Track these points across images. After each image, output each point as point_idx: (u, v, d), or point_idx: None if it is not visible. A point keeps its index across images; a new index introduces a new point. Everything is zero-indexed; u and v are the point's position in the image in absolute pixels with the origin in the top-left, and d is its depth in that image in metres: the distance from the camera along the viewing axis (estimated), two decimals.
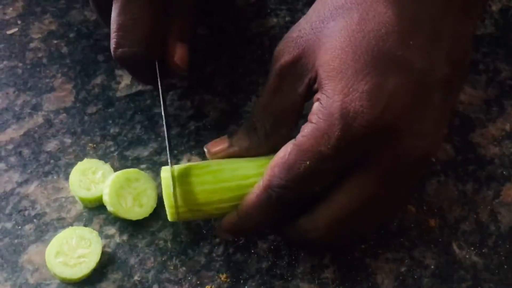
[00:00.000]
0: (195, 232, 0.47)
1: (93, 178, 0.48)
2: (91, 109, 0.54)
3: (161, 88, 0.46)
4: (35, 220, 0.47)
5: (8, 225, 0.46)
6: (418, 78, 0.37)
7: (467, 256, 0.46)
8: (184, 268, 0.45)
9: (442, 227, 0.47)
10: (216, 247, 0.46)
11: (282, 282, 0.44)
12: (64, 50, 0.58)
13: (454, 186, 0.50)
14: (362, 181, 0.38)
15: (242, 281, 0.44)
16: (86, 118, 0.53)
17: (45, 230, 0.46)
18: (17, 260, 0.45)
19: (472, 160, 0.51)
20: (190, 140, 0.52)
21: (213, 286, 0.44)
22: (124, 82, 0.55)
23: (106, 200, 0.45)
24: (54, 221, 0.47)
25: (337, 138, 0.36)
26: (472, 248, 0.46)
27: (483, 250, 0.46)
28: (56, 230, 0.46)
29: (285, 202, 0.40)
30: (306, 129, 0.38)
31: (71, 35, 0.59)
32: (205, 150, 0.45)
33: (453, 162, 0.51)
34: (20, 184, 0.49)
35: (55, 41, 0.58)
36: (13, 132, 0.52)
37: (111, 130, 0.52)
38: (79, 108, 0.53)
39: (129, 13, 0.44)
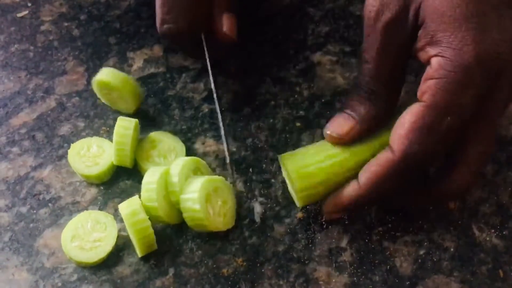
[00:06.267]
0: None
1: (92, 153, 0.47)
2: None
3: (209, 61, 0.45)
4: (50, 204, 0.47)
5: (23, 209, 0.46)
6: None
7: (487, 239, 0.45)
8: (200, 252, 0.44)
9: (462, 209, 0.47)
10: (232, 231, 0.45)
11: (299, 266, 0.44)
12: (75, 32, 0.57)
13: None
14: (490, 122, 0.39)
15: (258, 265, 0.44)
16: (98, 101, 0.52)
17: (60, 214, 0.46)
18: (33, 244, 0.45)
19: None
20: (204, 123, 0.51)
21: (229, 270, 0.44)
22: (136, 64, 0.55)
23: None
24: (69, 205, 0.47)
25: (479, 86, 0.37)
26: (493, 231, 0.46)
27: (504, 232, 0.45)
28: (71, 214, 0.46)
29: (421, 168, 0.40)
30: (435, 86, 0.37)
31: (82, 17, 0.58)
32: (332, 135, 0.42)
33: None
34: (34, 168, 0.48)
35: (66, 24, 0.57)
36: (26, 116, 0.51)
37: (124, 114, 0.51)
38: (92, 91, 0.53)
39: None
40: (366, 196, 0.41)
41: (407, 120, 0.38)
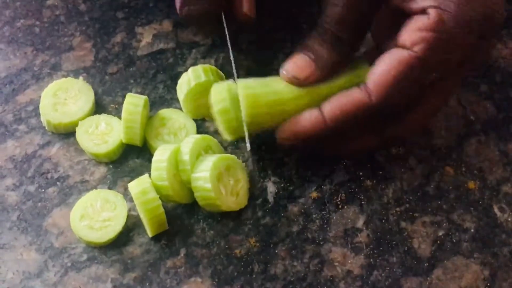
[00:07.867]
0: None
1: (100, 131, 0.46)
2: (112, 68, 0.51)
3: (229, 40, 0.45)
4: (58, 183, 0.46)
5: (31, 188, 0.45)
6: None
7: (509, 219, 0.44)
8: (212, 232, 0.43)
9: (482, 189, 0.45)
10: (244, 211, 0.44)
11: (314, 246, 0.43)
12: (82, 7, 0.55)
13: (495, 146, 0.47)
14: (455, 80, 0.40)
15: (272, 245, 0.43)
16: (107, 78, 0.51)
17: (69, 193, 0.45)
18: (41, 223, 0.44)
19: None
20: None
21: (242, 251, 0.43)
22: (145, 40, 0.53)
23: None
24: (77, 184, 0.46)
25: (472, 45, 0.36)
26: None
27: None
28: (80, 193, 0.45)
29: (389, 112, 0.40)
30: (433, 40, 0.36)
31: None
32: (289, 76, 0.41)
33: (494, 120, 0.48)
34: (41, 146, 0.47)
35: None
36: (33, 93, 0.50)
37: (133, 90, 0.50)
38: (99, 67, 0.51)
39: None
40: (328, 128, 0.40)
41: (393, 67, 0.37)
